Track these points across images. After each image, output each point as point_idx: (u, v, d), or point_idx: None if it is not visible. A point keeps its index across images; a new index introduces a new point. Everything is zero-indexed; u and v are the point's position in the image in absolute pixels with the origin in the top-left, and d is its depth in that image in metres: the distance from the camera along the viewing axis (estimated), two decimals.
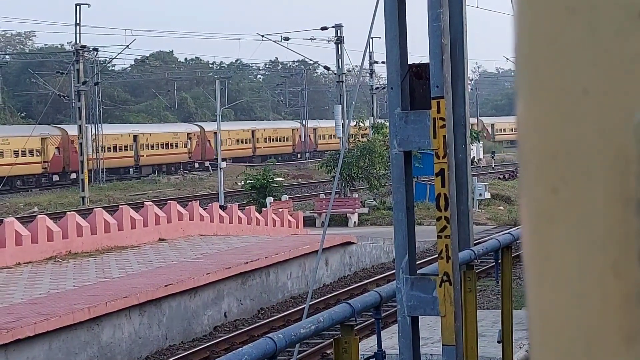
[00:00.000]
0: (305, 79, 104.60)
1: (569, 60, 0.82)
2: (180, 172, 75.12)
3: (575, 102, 0.82)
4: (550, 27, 0.83)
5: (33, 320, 17.40)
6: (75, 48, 55.00)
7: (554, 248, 0.83)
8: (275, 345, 5.92)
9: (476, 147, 73.24)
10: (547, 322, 0.84)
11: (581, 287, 0.82)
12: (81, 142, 54.56)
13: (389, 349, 10.47)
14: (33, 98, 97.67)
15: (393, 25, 6.82)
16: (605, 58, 0.81)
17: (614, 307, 0.80)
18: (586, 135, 0.81)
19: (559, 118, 0.83)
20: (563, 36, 0.83)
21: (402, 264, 6.87)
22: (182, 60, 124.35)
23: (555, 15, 0.83)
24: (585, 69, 0.82)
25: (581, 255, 0.82)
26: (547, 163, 0.84)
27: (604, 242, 0.80)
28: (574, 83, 0.82)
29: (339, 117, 52.67)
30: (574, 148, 0.82)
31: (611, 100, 0.80)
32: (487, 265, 26.09)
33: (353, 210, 44.07)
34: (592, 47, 0.81)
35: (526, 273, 0.87)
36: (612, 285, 0.80)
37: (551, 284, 0.84)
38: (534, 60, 0.85)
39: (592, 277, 0.81)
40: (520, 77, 0.87)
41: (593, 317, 0.81)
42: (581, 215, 0.82)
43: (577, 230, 0.82)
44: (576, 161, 0.82)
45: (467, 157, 8.04)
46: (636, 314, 0.79)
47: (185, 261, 25.07)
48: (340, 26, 55.73)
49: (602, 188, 0.81)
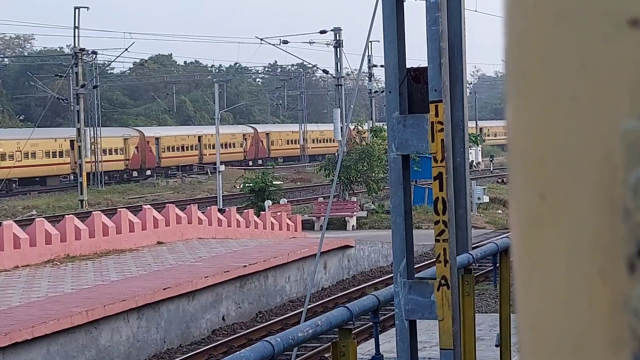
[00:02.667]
0: (304, 82, 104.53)
1: (557, 67, 0.83)
2: (179, 175, 75.34)
3: (563, 108, 0.82)
4: (539, 34, 0.84)
5: (31, 323, 17.39)
6: (74, 51, 55.01)
7: (542, 253, 0.84)
8: (273, 348, 5.92)
9: (474, 150, 73.24)
10: (535, 327, 0.85)
11: (569, 293, 0.82)
12: (80, 145, 54.53)
13: (387, 352, 10.48)
14: (32, 101, 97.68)
15: (391, 28, 6.83)
16: (593, 65, 0.81)
17: (601, 313, 0.80)
18: (574, 142, 0.82)
19: (547, 124, 0.83)
20: (551, 42, 0.83)
21: (400, 267, 6.87)
22: (181, 64, 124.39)
23: (544, 21, 0.83)
24: (573, 75, 0.82)
25: (568, 261, 0.82)
26: (535, 169, 0.84)
27: (591, 248, 0.81)
28: (562, 89, 0.82)
29: (338, 120, 52.68)
30: (562, 154, 0.82)
31: (599, 107, 0.81)
32: (485, 269, 26.09)
33: (351, 213, 44.07)
34: (580, 54, 0.81)
35: (515, 279, 0.87)
36: (600, 291, 0.80)
37: (539, 290, 0.84)
38: (523, 66, 0.85)
39: (580, 283, 0.81)
40: (509, 83, 0.87)
41: (580, 323, 0.81)
42: (568, 221, 0.82)
43: (565, 236, 0.82)
44: (564, 167, 0.82)
45: (465, 161, 8.04)
46: (623, 320, 0.79)
47: (184, 264, 25.06)
48: (339, 30, 55.76)
49: (589, 194, 0.81)
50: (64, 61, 72.82)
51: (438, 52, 6.63)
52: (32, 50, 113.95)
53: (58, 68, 77.08)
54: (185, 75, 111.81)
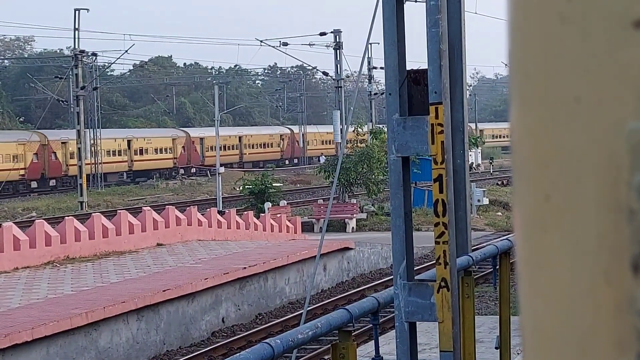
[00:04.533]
0: (303, 84, 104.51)
1: (561, 68, 0.83)
2: (179, 177, 75.41)
3: (567, 109, 0.82)
4: (543, 35, 0.83)
5: (31, 325, 17.38)
6: (74, 53, 54.99)
7: (546, 255, 0.83)
8: (273, 350, 5.91)
9: (474, 153, 73.23)
10: (539, 329, 0.84)
11: (573, 294, 0.82)
12: (79, 147, 54.53)
13: (387, 354, 10.47)
14: (31, 103, 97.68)
15: (391, 30, 6.83)
16: (598, 66, 0.81)
17: (606, 314, 0.80)
18: (578, 143, 0.81)
19: (552, 125, 0.83)
20: (556, 44, 0.83)
21: (400, 269, 6.87)
22: (180, 65, 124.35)
23: (548, 22, 0.83)
24: (577, 76, 0.82)
25: (573, 263, 0.82)
26: (540, 170, 0.84)
27: (595, 250, 0.81)
28: (566, 91, 0.82)
29: (337, 122, 52.70)
30: (566, 156, 0.82)
31: (603, 108, 0.81)
32: (485, 271, 26.08)
33: (351, 215, 44.06)
34: (584, 55, 0.81)
35: (519, 280, 0.87)
36: (604, 292, 0.80)
37: (543, 291, 0.84)
38: (527, 67, 0.85)
39: (584, 285, 0.81)
40: (513, 84, 0.87)
41: (585, 324, 0.81)
42: (573, 223, 0.82)
43: (569, 238, 0.82)
44: (568, 169, 0.82)
45: (465, 163, 8.04)
46: (628, 321, 0.79)
47: (183, 266, 25.06)
48: (339, 32, 55.75)
49: (593, 196, 0.81)
50: (64, 63, 72.85)
51: (438, 54, 6.63)
52: (32, 52, 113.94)
53: (58, 70, 77.01)
54: (185, 77, 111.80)
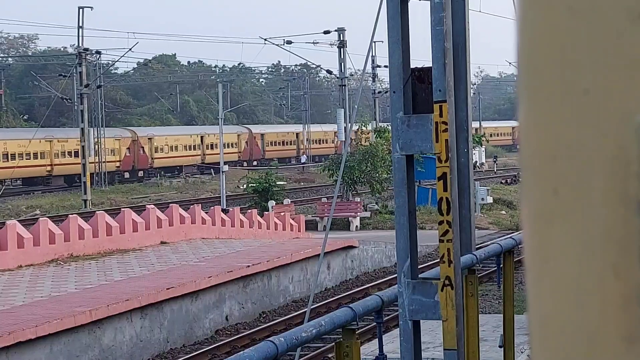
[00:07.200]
0: (307, 82, 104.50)
1: (570, 61, 0.82)
2: (183, 175, 75.44)
3: (576, 103, 0.82)
4: (552, 28, 0.83)
5: (34, 322, 17.39)
6: (78, 51, 55.00)
7: (554, 249, 0.83)
8: (277, 348, 5.91)
9: (478, 151, 73.19)
10: (547, 323, 0.84)
11: (581, 288, 0.82)
12: (83, 145, 54.56)
13: (391, 353, 10.48)
14: (35, 101, 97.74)
15: (395, 29, 6.82)
16: (607, 59, 0.81)
17: (614, 308, 0.80)
18: (587, 136, 0.81)
19: (560, 119, 0.83)
20: (564, 37, 0.83)
21: (404, 268, 6.87)
22: (184, 64, 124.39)
23: (557, 16, 0.83)
24: (586, 70, 0.82)
25: (581, 256, 0.82)
26: (548, 164, 0.83)
27: (604, 243, 0.80)
28: (575, 84, 0.82)
29: (342, 120, 52.69)
30: (575, 149, 0.82)
31: (612, 102, 0.80)
32: (489, 270, 26.07)
33: (355, 214, 44.07)
34: (593, 48, 0.81)
35: (527, 274, 0.87)
36: (613, 286, 0.80)
37: (551, 285, 0.84)
38: (536, 60, 0.85)
39: (593, 278, 0.81)
40: (521, 78, 0.87)
41: (593, 318, 0.81)
42: (581, 216, 0.82)
43: (578, 231, 0.82)
44: (577, 162, 0.82)
45: (469, 161, 8.04)
46: (636, 314, 0.79)
47: (187, 264, 25.06)
48: (342, 30, 55.73)
49: (602, 189, 0.81)
50: (68, 61, 72.91)
51: (442, 52, 6.63)
52: (36, 50, 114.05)
53: (62, 68, 77.12)
54: (188, 76, 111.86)
